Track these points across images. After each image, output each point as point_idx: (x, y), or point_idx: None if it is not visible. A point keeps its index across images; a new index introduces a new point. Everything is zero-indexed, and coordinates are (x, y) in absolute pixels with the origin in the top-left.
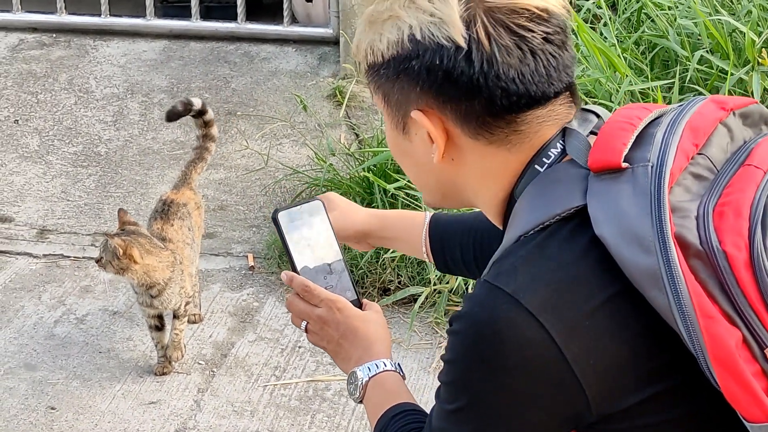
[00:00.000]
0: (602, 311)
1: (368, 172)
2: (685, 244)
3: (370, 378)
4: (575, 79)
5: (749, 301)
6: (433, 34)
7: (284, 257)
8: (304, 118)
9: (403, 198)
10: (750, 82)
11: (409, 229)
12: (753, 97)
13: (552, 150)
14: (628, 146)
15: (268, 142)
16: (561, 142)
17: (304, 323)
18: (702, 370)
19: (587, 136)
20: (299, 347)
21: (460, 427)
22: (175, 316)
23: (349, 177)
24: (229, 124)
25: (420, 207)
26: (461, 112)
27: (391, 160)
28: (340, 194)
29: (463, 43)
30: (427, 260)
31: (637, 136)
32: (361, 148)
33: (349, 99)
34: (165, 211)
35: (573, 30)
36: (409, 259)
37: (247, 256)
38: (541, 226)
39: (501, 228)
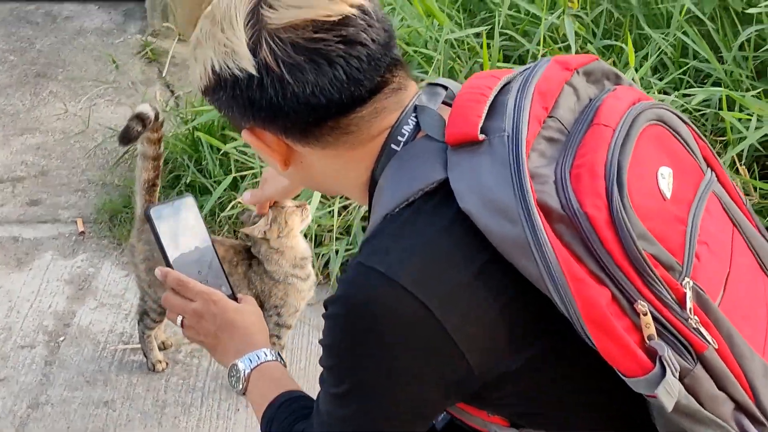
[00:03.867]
0: (475, 281)
1: (196, 131)
2: (548, 209)
3: (252, 369)
4: (399, 55)
5: (615, 260)
6: (228, 66)
7: (116, 221)
8: (117, 76)
9: (236, 156)
10: (562, 26)
11: None
12: (568, 40)
13: (405, 128)
14: (483, 117)
15: (83, 104)
16: (413, 118)
17: (180, 318)
18: (576, 331)
19: (438, 108)
20: None
21: (346, 408)
22: None
23: (173, 135)
24: (40, 87)
25: (254, 165)
26: (281, 128)
27: (218, 117)
28: (166, 154)
29: (254, 71)
30: None
31: (489, 106)
32: (178, 106)
33: (159, 55)
34: None
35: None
36: None
37: (75, 222)
38: (406, 203)
39: (368, 208)
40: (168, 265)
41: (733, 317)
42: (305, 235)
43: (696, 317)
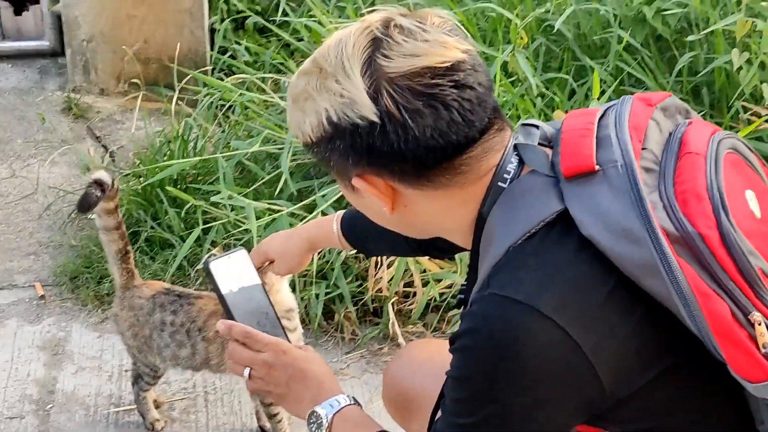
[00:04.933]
0: (606, 303)
1: (157, 186)
2: (665, 232)
3: (334, 414)
4: (497, 102)
5: (729, 275)
6: (347, 115)
7: (78, 281)
8: (45, 135)
9: (205, 208)
10: (511, 62)
11: (328, 236)
12: (524, 74)
13: (509, 166)
14: (594, 150)
15: (16, 165)
16: (515, 156)
17: (247, 370)
18: (703, 345)
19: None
20: (125, 371)
21: None
22: None
23: (129, 193)
24: None
25: (219, 217)
26: (396, 173)
27: (177, 172)
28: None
29: (375, 119)
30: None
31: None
32: (113, 161)
33: (85, 111)
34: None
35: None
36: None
37: (33, 286)
38: (528, 234)
39: (468, 247)
40: (230, 317)
41: None
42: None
43: None
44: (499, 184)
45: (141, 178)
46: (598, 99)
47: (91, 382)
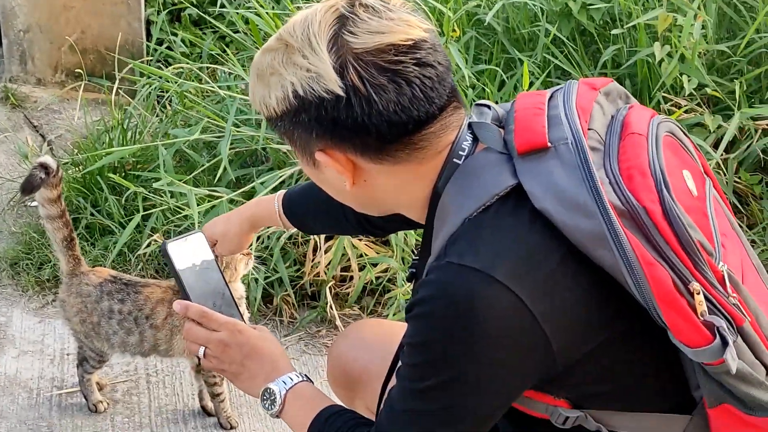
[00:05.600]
0: (557, 272)
1: (96, 175)
2: (612, 205)
3: (287, 390)
4: (454, 83)
5: (671, 246)
6: (313, 89)
7: (18, 267)
8: None
9: (145, 195)
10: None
11: (270, 214)
12: (457, 65)
13: (464, 143)
14: (547, 128)
15: None
16: (469, 134)
17: (202, 349)
18: (646, 313)
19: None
20: (67, 355)
21: (433, 403)
22: None
23: (68, 181)
24: None
25: (156, 204)
26: (358, 147)
27: (117, 160)
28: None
29: (341, 93)
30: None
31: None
32: (52, 150)
33: (22, 101)
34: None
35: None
36: None
37: None
38: (483, 207)
39: (424, 221)
40: (187, 298)
41: (753, 296)
42: None
43: (735, 295)
44: (455, 160)
45: (80, 166)
46: (528, 90)
47: (33, 365)
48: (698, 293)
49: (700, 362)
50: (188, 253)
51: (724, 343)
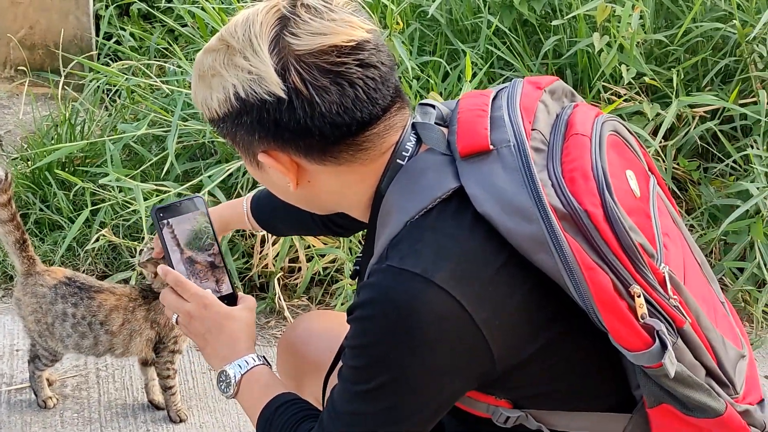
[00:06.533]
0: (498, 277)
1: (44, 170)
2: (554, 209)
3: (242, 375)
4: (398, 83)
5: (612, 249)
6: (255, 91)
7: None
8: None
9: (93, 189)
10: (390, 46)
11: (239, 217)
12: (400, 57)
13: (408, 144)
14: (489, 131)
15: None
16: (413, 135)
17: (175, 315)
18: (587, 316)
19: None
20: (17, 351)
21: (374, 404)
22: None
23: (17, 176)
24: None
25: (106, 199)
26: (301, 148)
27: (66, 156)
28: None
29: (283, 95)
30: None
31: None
32: (1, 145)
33: None
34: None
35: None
36: None
37: None
38: (425, 210)
39: (367, 221)
40: (170, 263)
41: (694, 296)
42: None
43: (676, 297)
44: (398, 161)
45: (29, 162)
46: (470, 81)
47: None
48: (638, 296)
49: (639, 365)
50: (179, 217)
51: (663, 346)
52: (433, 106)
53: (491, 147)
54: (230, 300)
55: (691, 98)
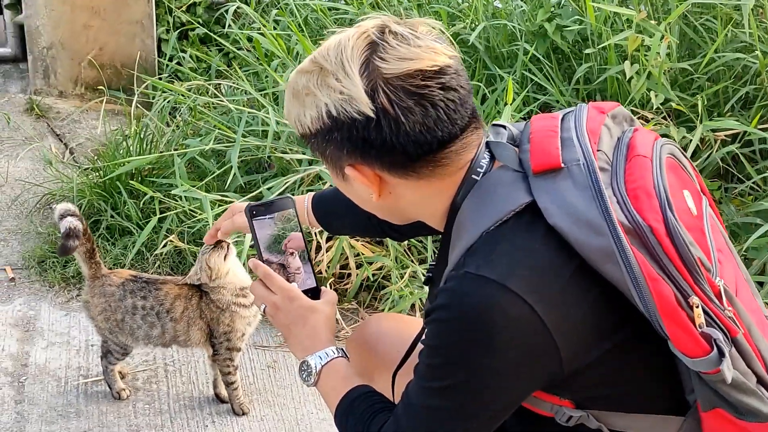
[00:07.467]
0: (568, 285)
1: (115, 180)
2: (620, 223)
3: (323, 366)
4: (474, 105)
5: (673, 262)
6: (345, 110)
7: (45, 265)
8: (10, 133)
9: (161, 198)
10: None
11: (301, 212)
12: None
13: (482, 161)
14: (560, 150)
15: None
16: (487, 152)
17: (263, 306)
18: (648, 323)
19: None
20: (92, 345)
21: (447, 401)
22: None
23: (86, 183)
24: None
25: (171, 207)
26: (386, 164)
27: (135, 168)
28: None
29: (371, 114)
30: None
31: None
32: (73, 155)
33: (45, 111)
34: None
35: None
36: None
37: (4, 269)
38: (500, 221)
39: (442, 230)
40: (260, 258)
41: (746, 308)
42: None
43: (730, 308)
44: (473, 176)
45: (101, 172)
46: (510, 103)
47: (60, 355)
48: (697, 306)
49: (697, 370)
50: (270, 215)
51: (721, 354)
52: (505, 127)
53: (562, 165)
54: (314, 293)
55: (716, 123)
